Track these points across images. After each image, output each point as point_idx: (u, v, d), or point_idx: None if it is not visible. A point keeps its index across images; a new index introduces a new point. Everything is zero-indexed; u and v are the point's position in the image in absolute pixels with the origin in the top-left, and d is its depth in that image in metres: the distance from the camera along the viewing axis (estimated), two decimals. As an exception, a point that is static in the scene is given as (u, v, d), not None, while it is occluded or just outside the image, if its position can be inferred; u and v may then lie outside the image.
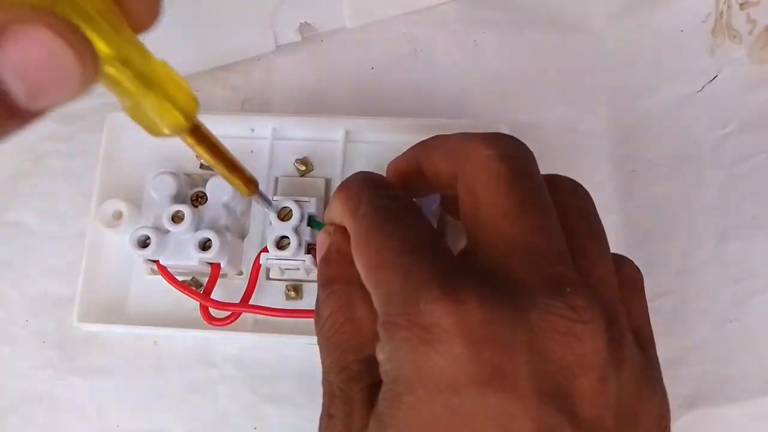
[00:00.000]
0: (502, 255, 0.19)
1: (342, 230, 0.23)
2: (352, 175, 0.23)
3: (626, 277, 0.22)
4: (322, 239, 0.23)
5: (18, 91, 0.13)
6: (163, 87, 0.18)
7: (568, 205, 0.21)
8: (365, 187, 0.22)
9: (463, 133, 0.22)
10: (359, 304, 0.21)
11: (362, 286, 0.20)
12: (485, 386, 0.16)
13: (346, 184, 0.23)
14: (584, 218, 0.21)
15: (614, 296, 0.20)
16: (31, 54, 0.13)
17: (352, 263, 0.21)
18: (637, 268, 0.23)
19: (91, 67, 0.14)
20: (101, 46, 0.15)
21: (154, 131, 0.19)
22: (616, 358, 0.18)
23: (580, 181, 0.23)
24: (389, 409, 0.17)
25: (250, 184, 0.23)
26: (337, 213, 0.22)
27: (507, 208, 0.19)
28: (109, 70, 0.16)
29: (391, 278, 0.18)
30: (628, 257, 0.23)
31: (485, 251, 0.19)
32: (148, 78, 0.17)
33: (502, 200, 0.19)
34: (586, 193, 0.22)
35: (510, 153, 0.21)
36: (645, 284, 0.31)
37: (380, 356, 0.18)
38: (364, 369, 0.20)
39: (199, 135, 0.20)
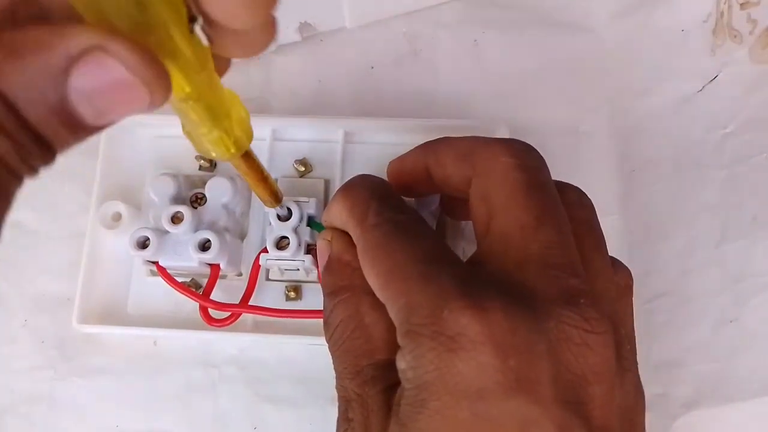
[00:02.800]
0: (517, 266, 0.19)
1: (342, 237, 0.23)
2: (355, 178, 0.23)
3: (618, 285, 0.22)
4: (322, 247, 0.24)
5: (85, 111, 0.14)
6: (225, 122, 0.18)
7: (575, 217, 0.21)
8: (372, 197, 0.22)
9: (477, 137, 0.23)
10: (367, 311, 0.21)
11: (368, 293, 0.21)
12: (510, 392, 0.17)
13: (349, 190, 0.23)
14: (590, 230, 0.22)
15: (615, 306, 0.21)
16: (98, 83, 0.14)
17: (355, 270, 0.22)
18: (630, 274, 0.23)
19: (160, 94, 0.14)
20: (183, 85, 0.16)
21: (203, 152, 0.19)
22: (620, 367, 0.19)
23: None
24: (413, 413, 0.18)
25: (275, 198, 0.25)
26: (340, 218, 0.23)
27: (524, 220, 0.20)
28: (182, 104, 0.17)
29: (411, 289, 0.19)
30: (624, 259, 0.23)
31: (499, 260, 0.20)
32: (215, 113, 0.18)
33: (519, 212, 0.20)
34: (591, 203, 0.23)
35: (527, 162, 0.21)
36: (645, 284, 0.31)
37: (401, 364, 0.19)
38: (378, 374, 0.21)
39: (245, 157, 0.21)
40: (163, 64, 0.14)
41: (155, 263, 0.28)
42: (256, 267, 0.28)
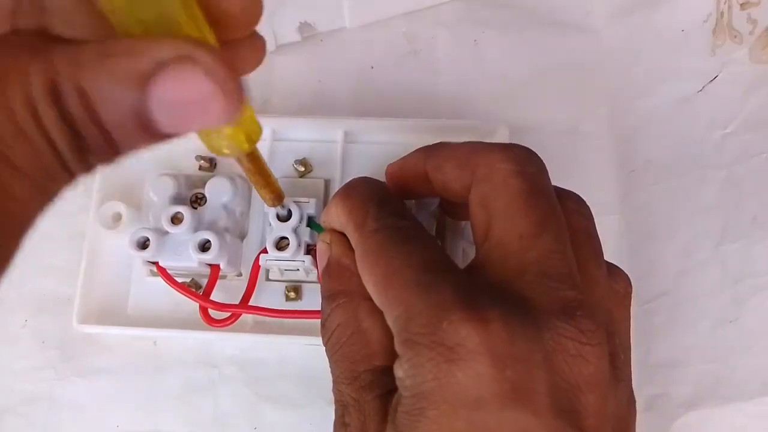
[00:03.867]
0: (515, 275, 0.19)
1: (341, 240, 0.23)
2: (354, 181, 0.23)
3: (616, 293, 0.22)
4: (321, 249, 0.24)
5: (162, 119, 0.14)
6: (241, 116, 0.18)
7: (574, 225, 0.21)
8: (371, 201, 0.22)
9: (476, 143, 0.23)
10: (364, 316, 0.21)
11: (366, 298, 0.21)
12: (507, 402, 0.17)
13: (348, 193, 0.23)
14: (588, 239, 0.22)
15: (611, 316, 0.21)
16: (182, 92, 0.14)
17: (354, 275, 0.22)
18: (628, 281, 0.23)
19: (235, 105, 0.14)
20: None
21: (214, 148, 0.19)
22: (614, 377, 0.20)
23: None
24: (411, 422, 0.18)
25: (277, 198, 0.25)
26: (338, 221, 0.23)
27: (523, 228, 0.20)
28: None
29: (409, 297, 0.19)
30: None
31: (498, 268, 0.20)
32: None
33: (518, 219, 0.20)
34: (590, 211, 0.23)
35: (527, 169, 0.21)
36: (645, 284, 0.31)
37: (399, 372, 0.19)
38: (376, 379, 0.21)
39: (250, 155, 0.21)
40: (240, 79, 0.14)
41: (155, 263, 0.28)
42: (256, 267, 0.28)
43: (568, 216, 0.21)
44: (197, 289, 0.29)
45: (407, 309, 0.19)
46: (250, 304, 0.28)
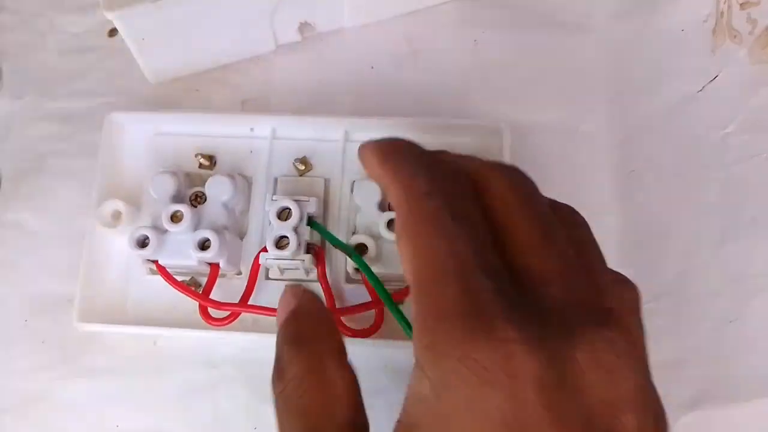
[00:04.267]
0: (540, 285, 0.18)
1: (310, 293, 0.22)
2: (396, 137, 0.21)
3: (626, 302, 0.21)
4: (287, 299, 0.22)
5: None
6: None
7: (573, 236, 0.20)
8: (422, 155, 0.20)
9: (466, 155, 0.22)
10: (330, 365, 0.20)
11: (335, 348, 0.20)
12: (543, 427, 0.16)
13: (393, 143, 0.21)
14: (592, 248, 0.21)
15: (630, 326, 0.20)
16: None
17: (326, 322, 0.21)
18: (635, 288, 0.22)
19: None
20: None
21: None
22: (651, 393, 0.18)
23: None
24: None
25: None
26: (380, 172, 0.20)
27: (531, 239, 0.19)
28: None
29: (444, 293, 0.17)
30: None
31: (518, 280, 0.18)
32: None
33: (524, 230, 0.19)
34: (585, 220, 0.22)
35: (520, 182, 0.20)
36: (645, 284, 0.31)
37: (420, 386, 0.17)
38: None
39: None
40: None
41: (155, 262, 0.28)
42: (255, 266, 0.28)
43: (565, 228, 0.20)
44: (197, 288, 0.29)
45: (443, 308, 0.17)
46: (249, 302, 0.28)
